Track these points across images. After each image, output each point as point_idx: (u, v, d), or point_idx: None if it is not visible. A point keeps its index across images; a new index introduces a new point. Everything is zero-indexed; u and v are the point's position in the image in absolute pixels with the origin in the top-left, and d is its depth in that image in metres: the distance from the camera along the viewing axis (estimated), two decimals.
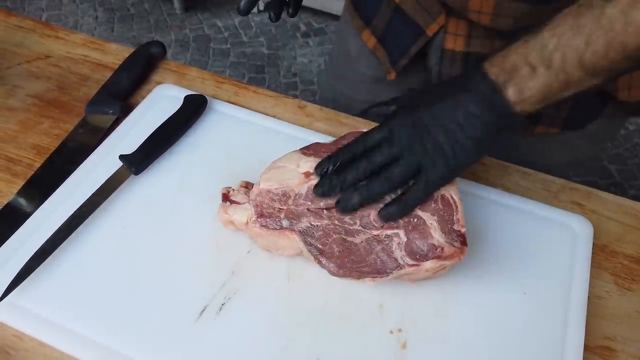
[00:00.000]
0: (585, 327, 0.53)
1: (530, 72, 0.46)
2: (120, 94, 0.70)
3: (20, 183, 0.61)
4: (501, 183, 0.64)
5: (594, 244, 0.59)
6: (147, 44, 0.75)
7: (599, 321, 0.54)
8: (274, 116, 0.70)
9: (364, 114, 0.62)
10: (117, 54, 0.77)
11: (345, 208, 0.50)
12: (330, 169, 0.51)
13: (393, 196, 0.51)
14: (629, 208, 0.63)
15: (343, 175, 0.50)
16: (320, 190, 0.51)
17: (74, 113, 0.69)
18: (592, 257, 0.58)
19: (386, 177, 0.50)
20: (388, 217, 0.50)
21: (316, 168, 0.52)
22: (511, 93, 0.46)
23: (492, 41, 0.63)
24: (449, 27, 0.64)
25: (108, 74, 0.72)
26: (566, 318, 0.52)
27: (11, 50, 0.77)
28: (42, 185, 0.61)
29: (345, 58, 0.82)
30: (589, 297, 0.55)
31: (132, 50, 0.76)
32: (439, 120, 0.48)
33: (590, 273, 0.57)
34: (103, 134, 0.66)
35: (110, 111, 0.68)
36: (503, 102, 0.47)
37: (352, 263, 0.50)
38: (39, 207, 0.58)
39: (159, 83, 0.73)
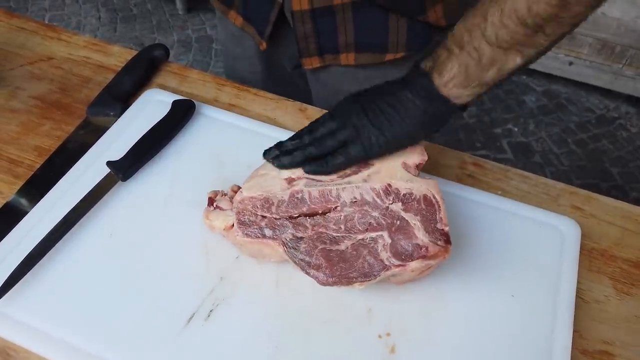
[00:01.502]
0: (584, 331, 0.53)
1: (448, 55, 0.51)
2: (122, 96, 0.70)
3: (21, 184, 0.61)
4: (501, 187, 0.64)
5: (593, 249, 0.59)
6: (150, 47, 0.76)
7: (598, 325, 0.54)
8: (274, 119, 0.70)
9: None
10: (119, 56, 0.77)
11: (280, 165, 0.56)
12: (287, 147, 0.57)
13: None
14: (628, 212, 0.63)
15: (287, 144, 0.57)
16: (267, 154, 0.57)
17: (75, 115, 0.69)
18: (592, 262, 0.58)
19: (319, 143, 0.55)
20: (309, 169, 0.55)
21: (274, 147, 0.57)
22: (436, 78, 0.51)
23: None
24: None
25: (110, 76, 0.73)
26: (554, 320, 0.52)
27: (14, 51, 0.77)
28: (41, 186, 0.61)
29: (232, 38, 0.86)
30: (588, 302, 0.55)
31: (133, 52, 0.76)
32: (376, 102, 0.54)
33: (590, 277, 0.57)
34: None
35: (112, 113, 0.68)
36: (432, 87, 0.52)
37: (340, 270, 0.50)
38: None
39: (160, 85, 0.74)
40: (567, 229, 0.59)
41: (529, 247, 0.58)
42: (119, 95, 0.70)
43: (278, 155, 0.57)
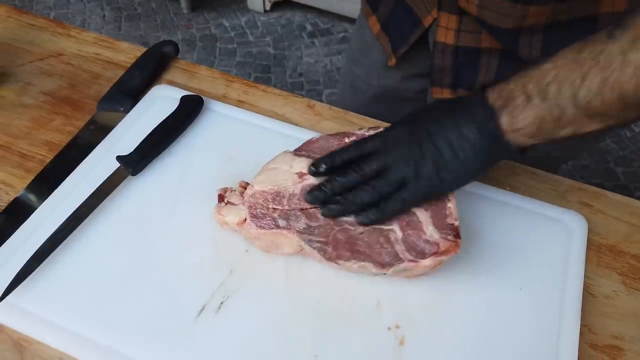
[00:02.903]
0: (593, 326, 0.53)
1: (525, 102, 0.45)
2: (132, 92, 0.71)
3: (32, 179, 0.62)
4: (509, 183, 0.64)
5: (602, 244, 0.60)
6: (160, 43, 0.76)
7: (607, 320, 0.54)
8: (283, 114, 0.71)
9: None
10: (128, 52, 0.77)
11: (328, 214, 0.52)
12: (323, 168, 0.52)
13: None
14: (636, 208, 0.63)
15: (332, 184, 0.51)
16: (310, 198, 0.52)
17: (85, 110, 0.70)
18: (600, 257, 0.59)
19: (372, 187, 0.50)
20: (364, 220, 0.51)
21: (310, 167, 0.53)
22: (504, 121, 0.46)
23: (480, 35, 0.65)
24: (440, 21, 0.66)
25: (119, 72, 0.73)
26: (562, 313, 0.53)
27: (24, 48, 0.77)
28: (51, 180, 0.61)
29: (361, 43, 0.84)
30: (597, 297, 0.55)
31: (142, 49, 0.76)
32: (433, 139, 0.49)
33: (598, 273, 0.57)
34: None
35: (122, 108, 0.69)
36: (496, 129, 0.46)
37: (358, 247, 0.50)
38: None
39: (170, 81, 0.74)
40: (574, 223, 0.59)
41: (537, 241, 0.58)
42: (129, 91, 0.70)
43: (325, 201, 0.52)
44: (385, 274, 0.50)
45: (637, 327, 0.53)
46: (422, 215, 0.51)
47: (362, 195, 0.50)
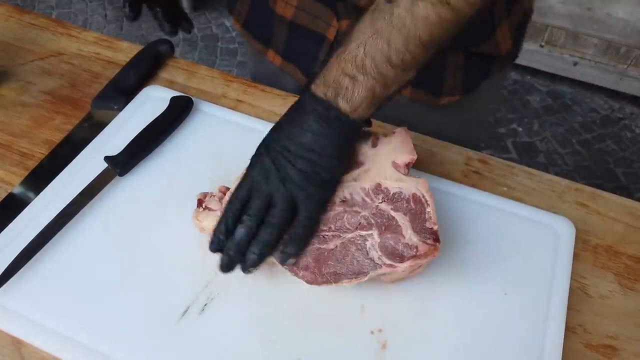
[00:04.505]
0: (589, 325, 0.53)
1: (352, 82, 0.49)
2: (126, 90, 0.71)
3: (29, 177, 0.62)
4: (506, 183, 0.65)
5: (598, 244, 0.60)
6: (155, 42, 0.77)
7: (602, 320, 0.54)
8: (281, 114, 0.71)
9: None
10: (128, 51, 0.78)
11: (247, 268, 0.50)
12: (222, 238, 0.50)
13: None
14: (633, 209, 0.63)
15: (235, 241, 0.50)
16: (224, 269, 0.50)
17: (85, 109, 0.70)
18: (596, 257, 0.59)
19: (269, 223, 0.50)
20: (286, 259, 0.50)
21: (210, 245, 0.51)
22: (342, 105, 0.49)
23: None
24: (342, 29, 0.67)
25: None
26: (546, 318, 0.52)
27: (24, 47, 0.78)
28: (44, 177, 0.61)
29: (266, 76, 0.83)
30: (592, 296, 0.56)
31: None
32: (292, 152, 0.50)
33: (594, 273, 0.57)
34: None
35: (116, 107, 0.69)
36: (339, 114, 0.50)
37: (328, 268, 0.50)
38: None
39: (168, 81, 0.74)
40: (562, 228, 0.59)
41: (524, 246, 0.58)
42: (123, 90, 0.71)
43: (228, 254, 0.50)
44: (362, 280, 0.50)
45: (632, 327, 0.54)
46: (401, 219, 0.51)
47: (265, 234, 0.50)
